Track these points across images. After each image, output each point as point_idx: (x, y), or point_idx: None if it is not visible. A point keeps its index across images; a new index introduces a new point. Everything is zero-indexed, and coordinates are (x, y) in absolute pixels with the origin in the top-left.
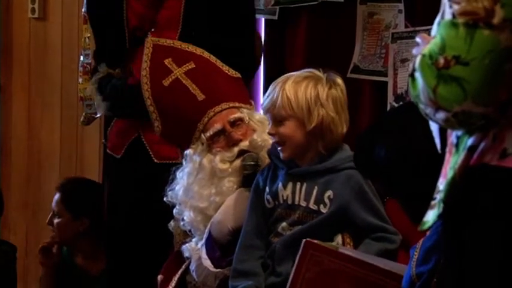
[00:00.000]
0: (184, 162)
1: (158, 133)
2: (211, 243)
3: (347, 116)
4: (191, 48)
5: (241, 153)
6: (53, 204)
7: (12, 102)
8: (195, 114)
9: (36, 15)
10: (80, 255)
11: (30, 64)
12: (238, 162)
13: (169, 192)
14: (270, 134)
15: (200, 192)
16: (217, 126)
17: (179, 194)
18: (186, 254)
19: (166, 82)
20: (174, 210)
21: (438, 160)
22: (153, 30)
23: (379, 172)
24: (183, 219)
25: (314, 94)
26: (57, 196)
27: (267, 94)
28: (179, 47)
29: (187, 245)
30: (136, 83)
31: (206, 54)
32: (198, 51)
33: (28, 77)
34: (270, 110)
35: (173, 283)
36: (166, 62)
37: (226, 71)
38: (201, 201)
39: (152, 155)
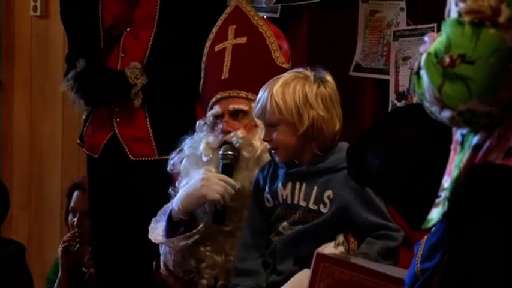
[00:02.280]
0: (196, 131)
1: (200, 89)
2: (168, 221)
3: (339, 113)
4: (260, 22)
5: (224, 144)
6: (77, 203)
7: (14, 99)
8: (213, 90)
9: (38, 13)
10: (87, 255)
11: (32, 62)
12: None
13: (175, 159)
14: (264, 140)
15: (189, 169)
16: (217, 110)
17: (182, 164)
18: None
19: (218, 48)
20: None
21: (431, 164)
22: (128, 29)
23: (374, 181)
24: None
25: (302, 95)
26: (79, 194)
27: (257, 100)
28: (252, 16)
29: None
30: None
31: (268, 33)
32: (264, 28)
33: (30, 75)
34: (261, 116)
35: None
36: (230, 28)
37: (275, 58)
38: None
39: (128, 152)
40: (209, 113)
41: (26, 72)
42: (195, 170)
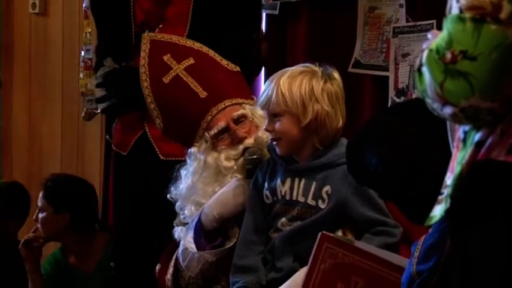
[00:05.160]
0: (188, 160)
1: (160, 130)
2: (199, 229)
3: (343, 110)
4: (189, 43)
5: (245, 151)
6: (38, 200)
7: (13, 98)
8: (197, 112)
9: (36, 11)
10: (71, 254)
11: (31, 60)
12: (243, 159)
13: (173, 190)
14: (266, 130)
15: (205, 189)
16: (222, 124)
17: (183, 192)
18: (176, 236)
19: (166, 79)
20: (176, 204)
21: (429, 161)
22: (160, 26)
23: (374, 179)
24: (183, 213)
25: (309, 89)
26: (41, 192)
27: (262, 90)
28: (177, 42)
29: (179, 227)
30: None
31: (205, 49)
32: (196, 45)
33: (29, 73)
34: (265, 106)
35: (171, 270)
36: (165, 58)
37: (226, 65)
38: (204, 197)
39: (158, 152)
40: (213, 131)
41: (25, 70)
42: (214, 184)
